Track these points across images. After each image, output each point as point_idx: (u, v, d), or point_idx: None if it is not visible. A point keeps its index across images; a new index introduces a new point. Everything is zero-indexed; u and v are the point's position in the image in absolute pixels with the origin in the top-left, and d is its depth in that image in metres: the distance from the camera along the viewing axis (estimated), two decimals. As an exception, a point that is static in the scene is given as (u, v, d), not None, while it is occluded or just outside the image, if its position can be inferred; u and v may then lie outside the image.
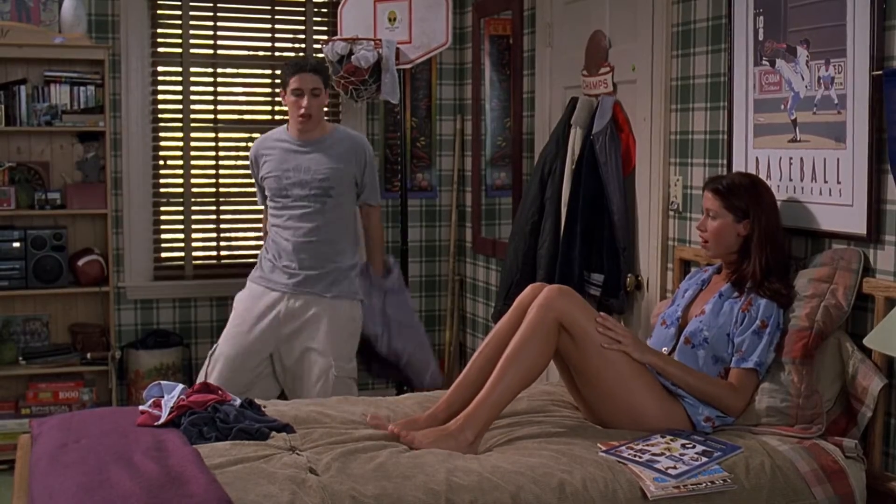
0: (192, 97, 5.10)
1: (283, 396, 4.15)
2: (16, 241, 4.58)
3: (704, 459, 2.60)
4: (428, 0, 4.77)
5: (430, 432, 2.76)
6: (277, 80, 5.15)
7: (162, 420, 2.83)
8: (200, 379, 4.03)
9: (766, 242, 2.93)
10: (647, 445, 2.70)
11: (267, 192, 4.16)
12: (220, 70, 5.16)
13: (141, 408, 2.93)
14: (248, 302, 4.12)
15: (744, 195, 2.95)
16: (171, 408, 2.86)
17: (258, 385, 4.08)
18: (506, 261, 4.19)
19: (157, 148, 5.06)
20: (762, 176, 3.18)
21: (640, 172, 3.83)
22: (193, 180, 5.13)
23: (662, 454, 2.63)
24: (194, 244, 5.16)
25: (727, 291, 2.98)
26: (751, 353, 2.84)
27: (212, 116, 5.15)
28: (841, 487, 2.63)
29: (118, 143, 4.91)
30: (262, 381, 4.11)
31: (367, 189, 4.23)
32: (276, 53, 5.25)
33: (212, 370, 4.02)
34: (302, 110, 4.01)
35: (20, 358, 4.71)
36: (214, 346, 4.15)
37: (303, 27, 5.27)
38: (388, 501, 2.34)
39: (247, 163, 4.45)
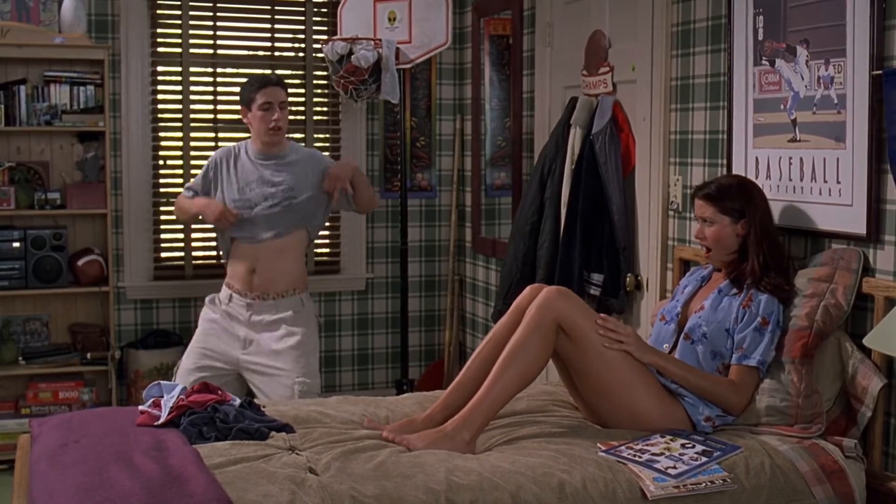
0: (192, 97, 5.10)
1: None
2: (16, 241, 4.58)
3: (704, 459, 2.60)
4: (428, 0, 4.77)
5: (425, 434, 2.76)
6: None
7: (162, 420, 2.83)
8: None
9: (763, 239, 2.93)
10: (647, 445, 2.70)
11: (229, 204, 4.15)
12: (219, 70, 5.16)
13: (141, 408, 2.93)
14: (213, 328, 4.16)
15: (736, 195, 2.95)
16: (171, 408, 2.86)
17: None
18: (505, 261, 4.19)
19: (157, 148, 5.06)
20: (762, 176, 3.19)
21: (640, 172, 3.83)
22: (193, 180, 5.12)
23: (662, 454, 2.63)
24: (194, 244, 5.16)
25: (726, 288, 2.98)
26: (753, 350, 2.84)
27: (212, 116, 5.15)
28: (841, 487, 2.63)
29: (118, 143, 4.91)
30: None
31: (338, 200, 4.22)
32: (276, 53, 5.25)
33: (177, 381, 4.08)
34: (272, 123, 4.06)
35: (20, 358, 4.70)
36: (178, 363, 4.19)
37: (303, 27, 5.27)
38: (388, 501, 2.34)
39: None
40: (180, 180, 5.12)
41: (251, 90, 4.07)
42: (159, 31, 5.02)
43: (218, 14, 5.12)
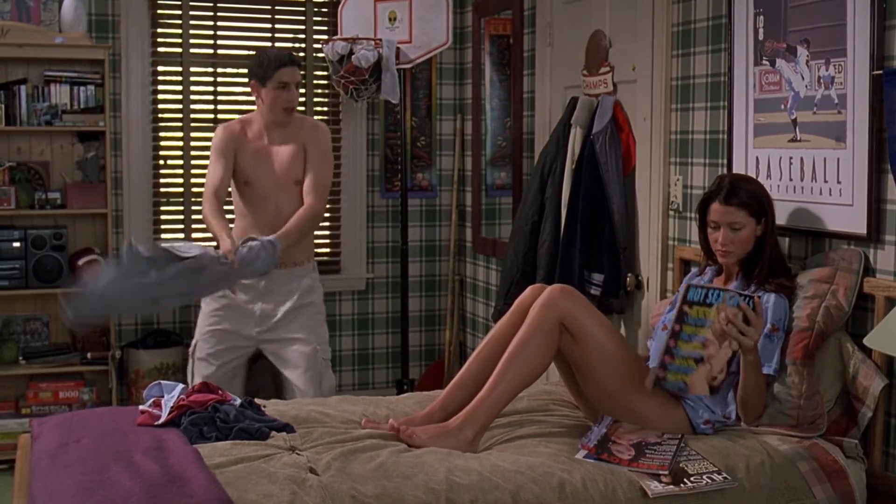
0: (192, 97, 5.10)
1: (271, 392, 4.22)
2: (16, 240, 4.58)
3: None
4: (428, 0, 4.77)
5: (430, 428, 2.77)
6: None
7: (162, 420, 2.83)
8: (189, 378, 4.12)
9: (773, 237, 2.92)
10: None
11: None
12: (220, 70, 5.16)
13: (141, 407, 2.93)
14: (222, 312, 4.10)
15: (763, 198, 2.91)
16: (172, 407, 2.86)
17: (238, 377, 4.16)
18: (506, 260, 4.19)
19: (157, 148, 5.06)
20: (762, 176, 3.19)
21: (640, 172, 3.83)
22: (193, 180, 5.13)
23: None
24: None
25: None
26: (768, 359, 2.80)
27: (212, 116, 5.15)
28: (841, 487, 2.64)
29: (118, 143, 4.91)
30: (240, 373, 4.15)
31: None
32: (277, 53, 5.25)
33: (196, 370, 4.07)
34: (289, 103, 4.04)
35: (20, 358, 4.71)
36: (194, 342, 4.14)
37: (303, 27, 5.27)
38: (389, 501, 2.34)
39: None
40: (180, 180, 5.12)
41: (267, 67, 4.00)
42: (159, 31, 5.02)
43: (218, 14, 5.12)
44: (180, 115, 5.09)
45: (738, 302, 2.59)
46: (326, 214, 5.18)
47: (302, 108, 5.22)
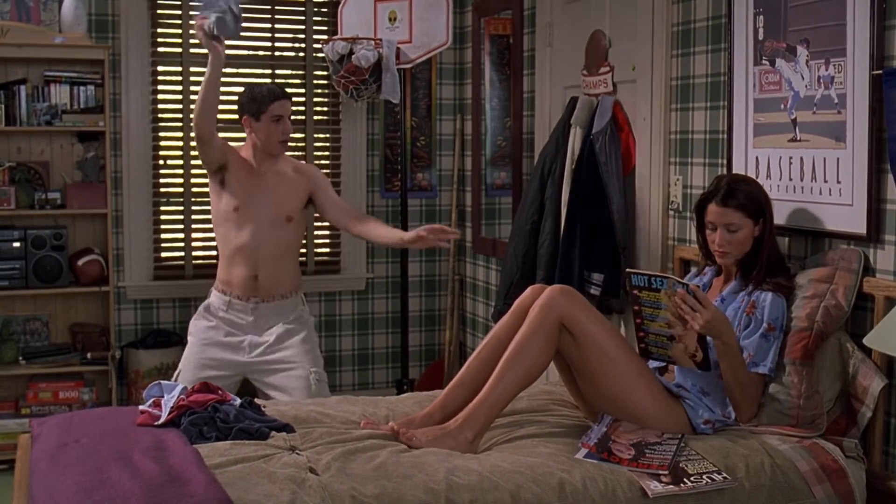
0: (192, 97, 5.10)
1: None
2: (16, 240, 4.58)
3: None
4: (428, 0, 4.77)
5: (429, 430, 2.76)
6: (278, 80, 5.16)
7: (162, 420, 2.83)
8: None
9: (772, 237, 2.92)
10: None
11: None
12: (220, 70, 5.16)
13: (141, 407, 2.93)
14: (210, 339, 4.08)
15: (760, 199, 2.91)
16: (171, 407, 2.86)
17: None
18: (506, 260, 4.19)
19: (157, 148, 5.07)
20: (762, 176, 3.19)
21: (640, 172, 3.83)
22: (193, 180, 5.13)
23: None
24: (194, 244, 5.16)
25: (729, 295, 2.96)
26: (762, 358, 2.81)
27: (212, 116, 5.15)
28: (841, 487, 2.64)
29: (118, 143, 4.91)
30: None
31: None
32: (276, 53, 5.25)
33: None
34: (284, 135, 4.05)
35: (20, 358, 4.71)
36: (178, 371, 4.09)
37: (303, 27, 5.27)
38: (388, 501, 2.34)
39: None
40: (180, 180, 5.12)
41: (263, 102, 4.01)
42: (159, 30, 5.02)
43: (218, 14, 5.12)
44: (180, 115, 5.09)
45: (677, 288, 2.70)
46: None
47: (302, 109, 5.23)
